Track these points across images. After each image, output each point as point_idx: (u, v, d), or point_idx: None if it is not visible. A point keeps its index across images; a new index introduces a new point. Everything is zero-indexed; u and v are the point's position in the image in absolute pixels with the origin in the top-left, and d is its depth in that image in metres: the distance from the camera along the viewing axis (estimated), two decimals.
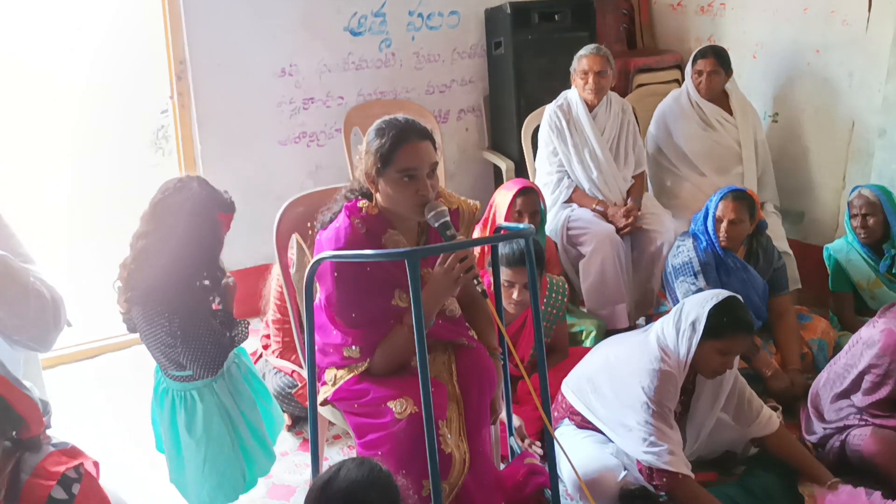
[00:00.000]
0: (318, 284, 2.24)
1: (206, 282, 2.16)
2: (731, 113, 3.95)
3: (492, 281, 2.45)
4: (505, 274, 2.88)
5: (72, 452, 1.67)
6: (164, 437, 2.24)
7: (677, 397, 2.48)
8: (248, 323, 2.29)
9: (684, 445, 2.57)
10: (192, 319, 2.09)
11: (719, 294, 2.51)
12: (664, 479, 2.39)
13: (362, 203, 2.21)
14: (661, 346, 2.50)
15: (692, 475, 2.41)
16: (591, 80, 3.69)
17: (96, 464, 1.69)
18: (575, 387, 2.70)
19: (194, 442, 2.18)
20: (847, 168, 3.94)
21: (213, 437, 2.19)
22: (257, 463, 2.32)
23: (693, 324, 2.45)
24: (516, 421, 2.83)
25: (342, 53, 4.24)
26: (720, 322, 2.43)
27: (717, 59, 3.86)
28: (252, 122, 4.08)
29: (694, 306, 2.50)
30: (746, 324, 2.47)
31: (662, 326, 2.55)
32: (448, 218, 2.10)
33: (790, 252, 3.67)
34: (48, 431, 1.69)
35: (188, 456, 2.20)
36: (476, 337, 2.35)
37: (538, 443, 2.81)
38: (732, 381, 2.61)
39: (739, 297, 2.53)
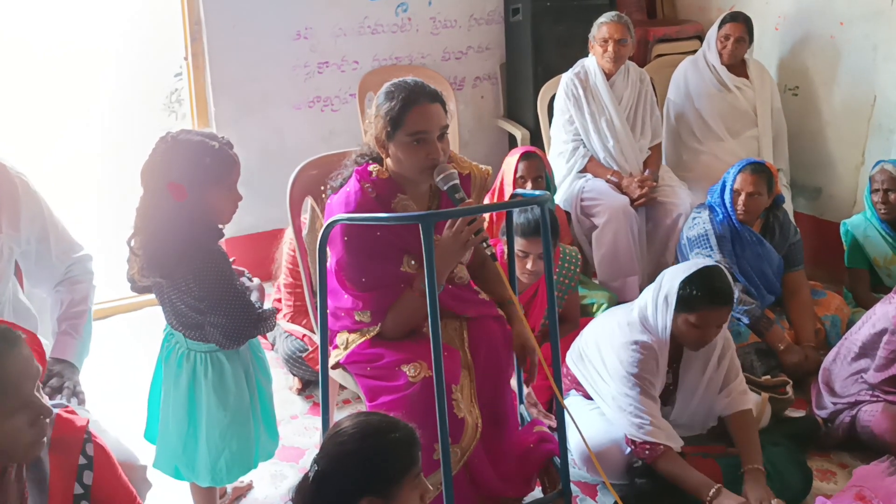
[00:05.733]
0: (329, 248, 2.23)
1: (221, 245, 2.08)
2: (747, 79, 3.93)
3: (505, 250, 2.44)
4: (519, 244, 2.86)
5: (69, 412, 1.63)
6: (174, 408, 2.12)
7: (659, 369, 2.43)
8: (276, 312, 2.21)
9: (677, 413, 2.56)
10: (219, 284, 2.00)
11: (693, 265, 2.43)
12: (646, 451, 2.37)
13: (373, 167, 2.19)
14: (641, 318, 2.47)
15: (674, 447, 2.37)
16: (610, 48, 3.64)
17: (87, 421, 1.65)
18: (575, 358, 2.70)
19: (221, 404, 2.10)
20: (867, 144, 3.88)
21: (241, 399, 2.14)
22: (261, 444, 2.24)
23: (666, 297, 2.39)
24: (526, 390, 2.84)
25: (358, 17, 4.20)
26: (691, 295, 2.34)
27: (746, 26, 3.85)
28: (266, 85, 4.06)
29: (668, 279, 2.43)
30: (720, 295, 2.35)
31: (645, 299, 2.50)
32: (458, 181, 2.08)
33: (797, 229, 3.63)
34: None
35: (210, 423, 2.10)
36: (485, 295, 2.33)
37: (551, 416, 2.82)
38: (722, 344, 2.51)
39: (720, 266, 2.44)
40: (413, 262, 2.18)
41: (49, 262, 2.22)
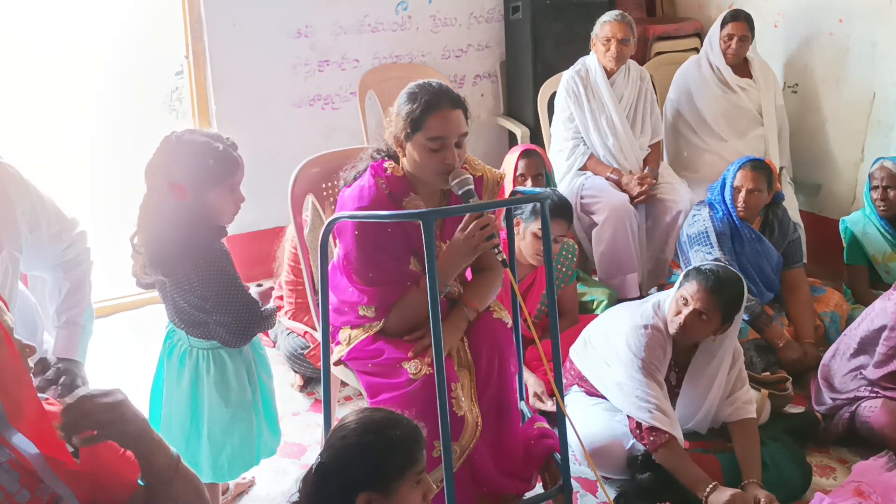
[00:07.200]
0: (338, 242, 2.24)
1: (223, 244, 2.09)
2: (751, 78, 3.92)
3: (506, 239, 2.44)
4: (538, 225, 2.89)
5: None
6: (176, 405, 2.13)
7: (665, 358, 2.47)
8: (277, 309, 2.22)
9: (679, 417, 2.54)
10: (222, 283, 2.01)
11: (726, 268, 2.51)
12: (651, 438, 2.39)
13: (388, 164, 2.20)
14: (654, 308, 2.51)
15: (677, 436, 2.39)
16: (613, 47, 3.65)
17: None
18: (579, 351, 2.72)
19: (223, 401, 2.11)
20: (866, 140, 3.89)
21: (242, 396, 2.14)
22: (263, 440, 2.25)
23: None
24: (539, 386, 2.85)
25: (358, 15, 4.20)
26: (696, 272, 2.46)
27: (748, 24, 3.84)
28: (267, 83, 4.06)
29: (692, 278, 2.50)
30: (719, 284, 2.42)
31: (666, 296, 2.54)
32: (472, 187, 2.09)
33: (801, 225, 3.64)
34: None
35: (212, 419, 2.11)
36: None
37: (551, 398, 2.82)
38: (731, 354, 2.54)
39: (743, 281, 2.50)
40: (419, 264, 2.19)
41: (42, 247, 2.20)
